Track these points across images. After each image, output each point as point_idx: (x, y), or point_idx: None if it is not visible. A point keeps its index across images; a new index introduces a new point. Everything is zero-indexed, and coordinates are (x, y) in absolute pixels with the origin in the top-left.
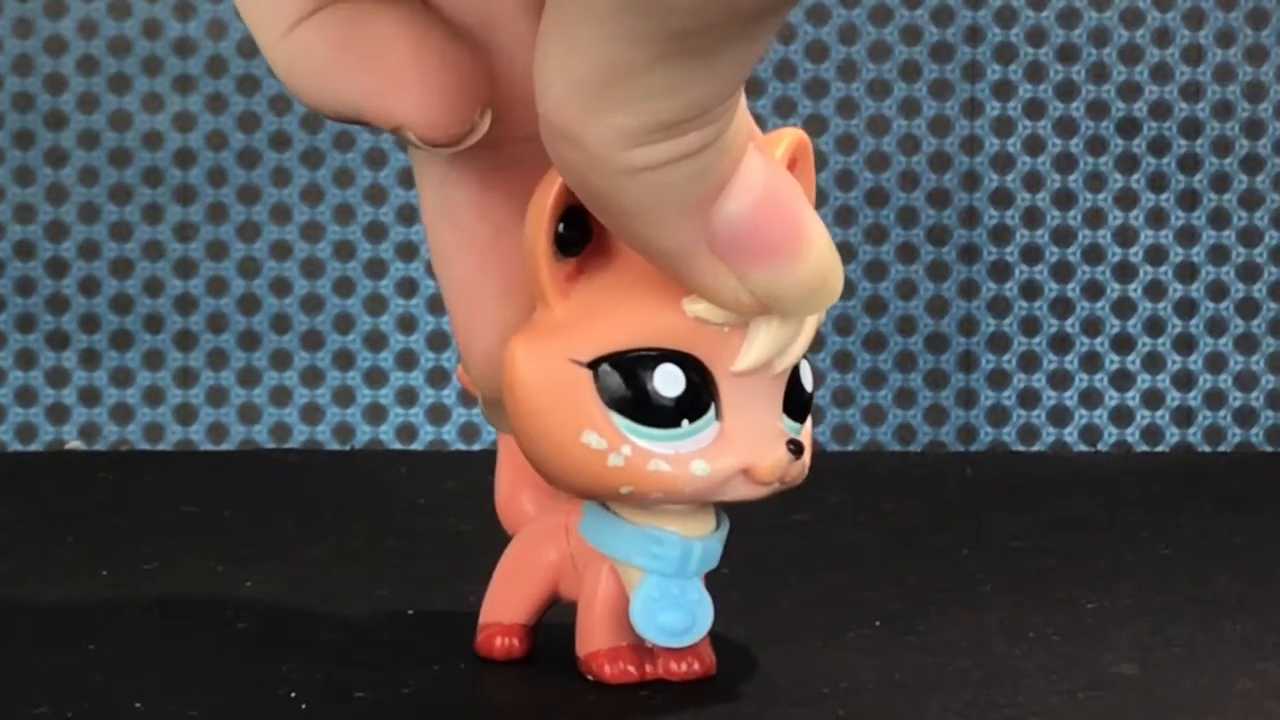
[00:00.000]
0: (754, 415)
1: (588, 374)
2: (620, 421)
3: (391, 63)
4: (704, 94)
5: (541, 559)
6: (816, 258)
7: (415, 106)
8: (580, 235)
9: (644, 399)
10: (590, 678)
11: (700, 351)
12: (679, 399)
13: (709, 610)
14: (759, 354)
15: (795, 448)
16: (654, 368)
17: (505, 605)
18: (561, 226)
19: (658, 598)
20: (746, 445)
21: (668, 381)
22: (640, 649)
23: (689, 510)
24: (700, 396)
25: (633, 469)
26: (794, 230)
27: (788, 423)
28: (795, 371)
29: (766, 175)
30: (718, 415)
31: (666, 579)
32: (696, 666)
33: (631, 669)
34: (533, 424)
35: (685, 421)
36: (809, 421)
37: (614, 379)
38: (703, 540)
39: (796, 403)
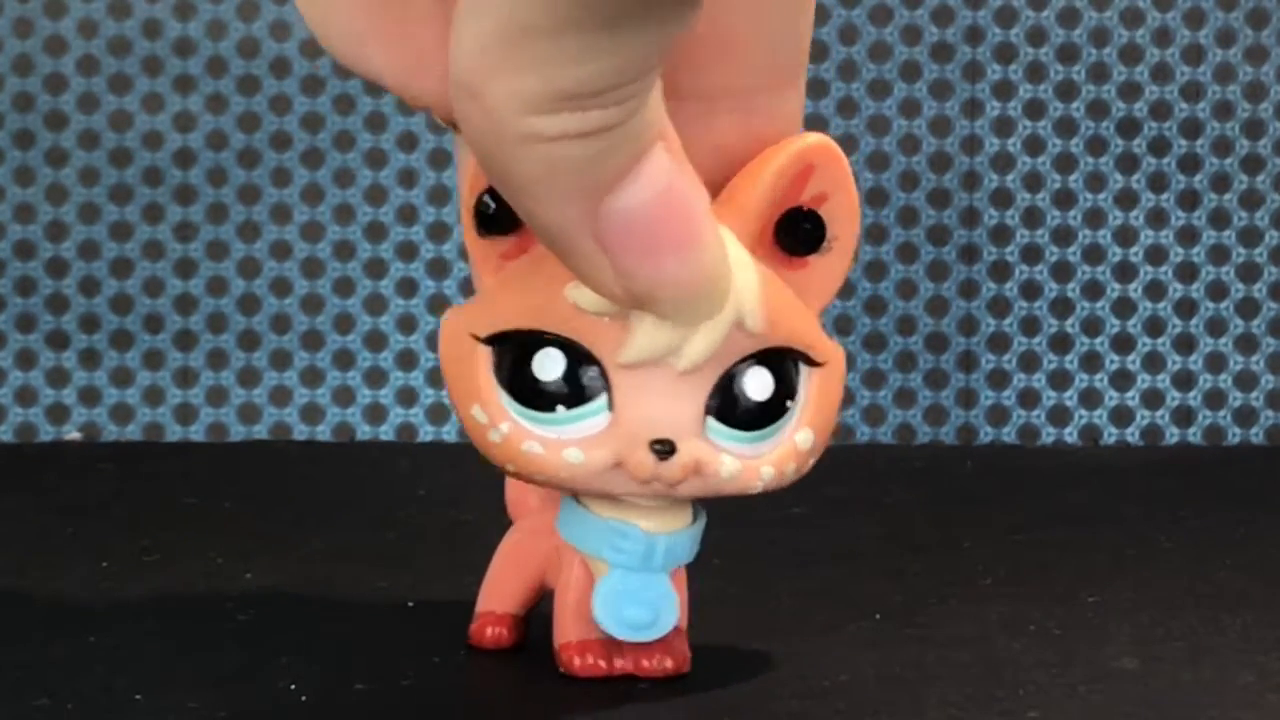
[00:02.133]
0: (647, 412)
1: (485, 350)
2: (506, 400)
3: (422, 41)
4: (609, 69)
5: (533, 551)
6: (701, 267)
7: (443, 89)
8: (508, 213)
9: (522, 380)
10: (561, 670)
11: (584, 339)
12: (555, 384)
13: (674, 606)
14: (642, 348)
15: (661, 448)
16: (535, 350)
17: (498, 595)
18: (493, 205)
19: (620, 592)
20: (624, 440)
21: (545, 365)
22: (610, 642)
23: (660, 505)
24: (580, 384)
25: (509, 447)
26: (686, 234)
27: (719, 429)
28: (734, 377)
29: (671, 175)
30: (610, 406)
31: (630, 573)
32: (669, 664)
33: (601, 662)
34: (449, 392)
35: (560, 407)
36: (779, 436)
37: (501, 357)
38: (669, 535)
39: (743, 412)
